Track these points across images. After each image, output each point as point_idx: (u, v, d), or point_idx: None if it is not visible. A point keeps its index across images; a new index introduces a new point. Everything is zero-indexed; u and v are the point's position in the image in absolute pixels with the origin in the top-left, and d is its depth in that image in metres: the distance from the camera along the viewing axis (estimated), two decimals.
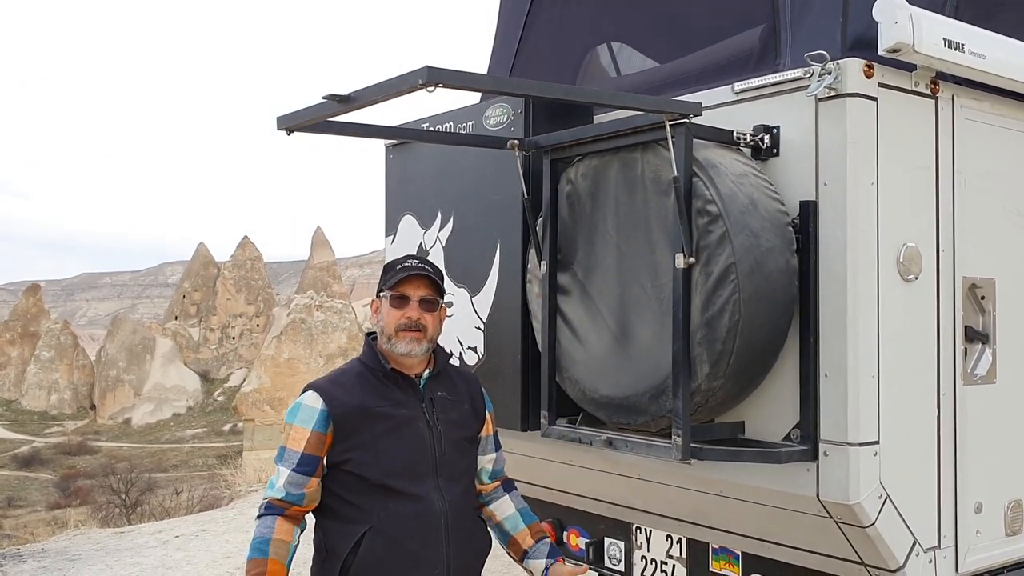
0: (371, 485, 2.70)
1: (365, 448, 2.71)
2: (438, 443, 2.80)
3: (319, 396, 2.74)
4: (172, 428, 73.01)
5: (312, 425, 2.71)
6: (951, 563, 2.99)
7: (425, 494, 2.74)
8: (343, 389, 2.76)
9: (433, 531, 2.74)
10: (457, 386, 2.94)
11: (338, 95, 2.45)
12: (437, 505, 2.75)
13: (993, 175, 3.16)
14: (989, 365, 3.12)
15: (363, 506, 2.70)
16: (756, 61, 3.16)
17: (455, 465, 2.85)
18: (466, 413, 2.93)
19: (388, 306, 2.82)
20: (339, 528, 2.73)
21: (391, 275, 2.84)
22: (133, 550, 8.35)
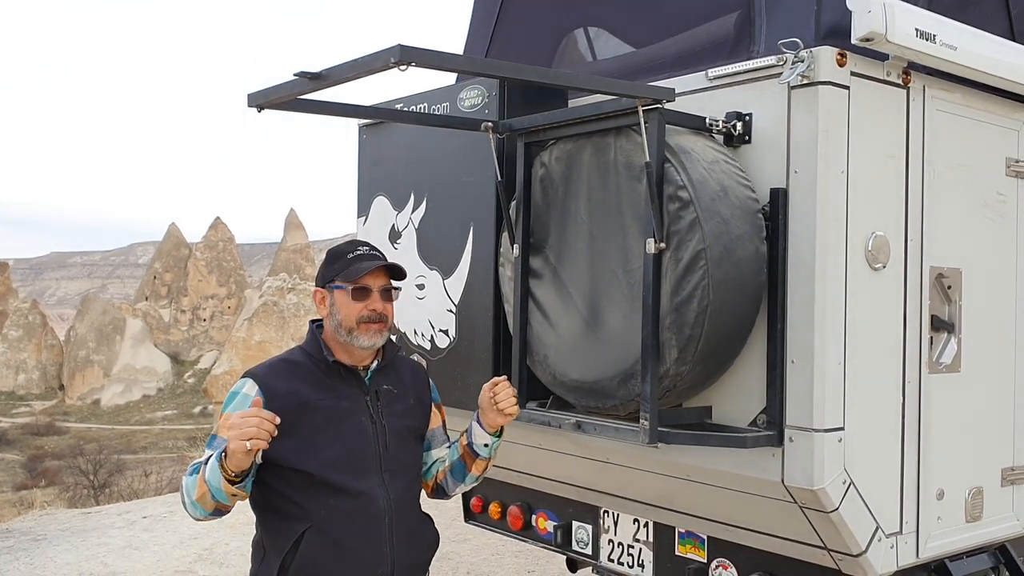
0: (310, 480, 2.57)
1: (303, 442, 2.57)
2: (382, 437, 2.68)
3: (255, 384, 2.61)
4: (142, 410, 72.45)
5: None
6: (912, 548, 3.03)
7: (368, 490, 2.62)
8: (281, 379, 2.63)
9: (376, 529, 2.63)
10: (403, 378, 2.82)
11: (310, 72, 2.43)
12: (381, 502, 2.64)
13: (962, 166, 3.19)
14: (954, 354, 3.16)
15: (302, 503, 2.57)
16: (731, 48, 3.17)
17: (399, 460, 2.73)
18: (411, 407, 2.81)
19: (348, 299, 2.66)
20: (277, 525, 2.61)
21: (345, 265, 2.68)
22: (100, 531, 8.29)
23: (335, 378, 2.68)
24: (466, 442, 2.82)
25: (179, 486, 2.75)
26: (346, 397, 2.67)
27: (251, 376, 2.65)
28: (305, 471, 2.57)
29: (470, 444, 2.81)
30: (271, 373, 2.65)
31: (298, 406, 2.58)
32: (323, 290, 2.72)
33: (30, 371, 77.42)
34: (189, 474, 2.54)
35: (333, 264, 2.71)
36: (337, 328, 2.67)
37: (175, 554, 7.46)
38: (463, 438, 2.84)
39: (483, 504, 4.30)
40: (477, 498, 4.33)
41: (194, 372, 76.41)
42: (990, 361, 3.32)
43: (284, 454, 2.55)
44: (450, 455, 2.88)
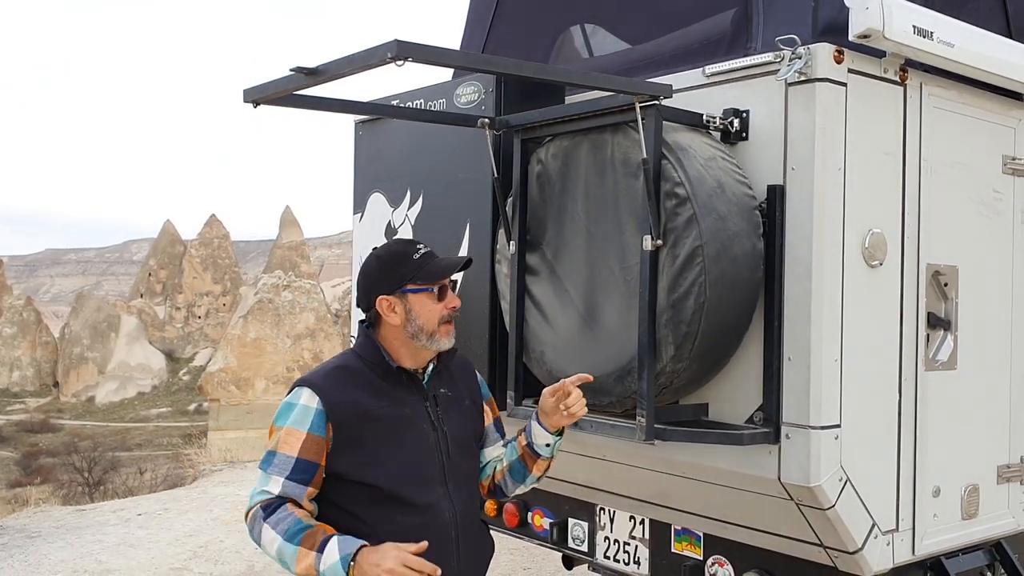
0: (376, 496, 2.43)
1: (368, 455, 2.44)
2: (444, 446, 2.55)
3: (315, 395, 2.44)
4: (136, 407, 72.35)
5: (307, 427, 2.42)
6: (908, 546, 3.03)
7: (434, 503, 2.49)
8: (341, 388, 2.47)
9: (444, 543, 2.49)
10: (455, 378, 2.69)
11: (306, 68, 2.42)
12: (447, 515, 2.51)
13: (959, 164, 3.19)
14: (951, 351, 3.16)
15: (368, 519, 2.43)
16: (728, 45, 3.17)
17: (461, 469, 2.61)
18: (467, 409, 2.70)
19: (430, 300, 2.53)
20: None
21: (417, 265, 2.53)
22: (94, 528, 8.28)
23: (395, 384, 2.54)
24: (525, 443, 2.71)
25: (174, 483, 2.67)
26: (407, 404, 2.53)
27: (308, 385, 2.48)
28: (372, 485, 2.44)
29: (530, 445, 2.70)
30: (330, 382, 2.49)
31: (361, 417, 2.45)
32: (391, 297, 2.53)
33: (24, 368, 77.26)
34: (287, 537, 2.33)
35: (399, 267, 2.54)
36: (417, 333, 2.52)
37: (170, 551, 7.45)
38: (521, 439, 2.72)
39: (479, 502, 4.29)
40: None
41: (189, 369, 76.30)
42: (987, 358, 3.32)
43: (348, 468, 2.43)
44: (507, 455, 2.77)
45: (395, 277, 2.54)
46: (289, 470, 2.40)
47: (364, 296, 2.60)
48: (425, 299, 2.53)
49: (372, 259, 2.62)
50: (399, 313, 2.53)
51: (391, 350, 2.55)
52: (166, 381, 77.01)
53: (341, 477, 2.44)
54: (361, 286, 2.62)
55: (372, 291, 2.57)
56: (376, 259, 2.61)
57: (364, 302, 2.59)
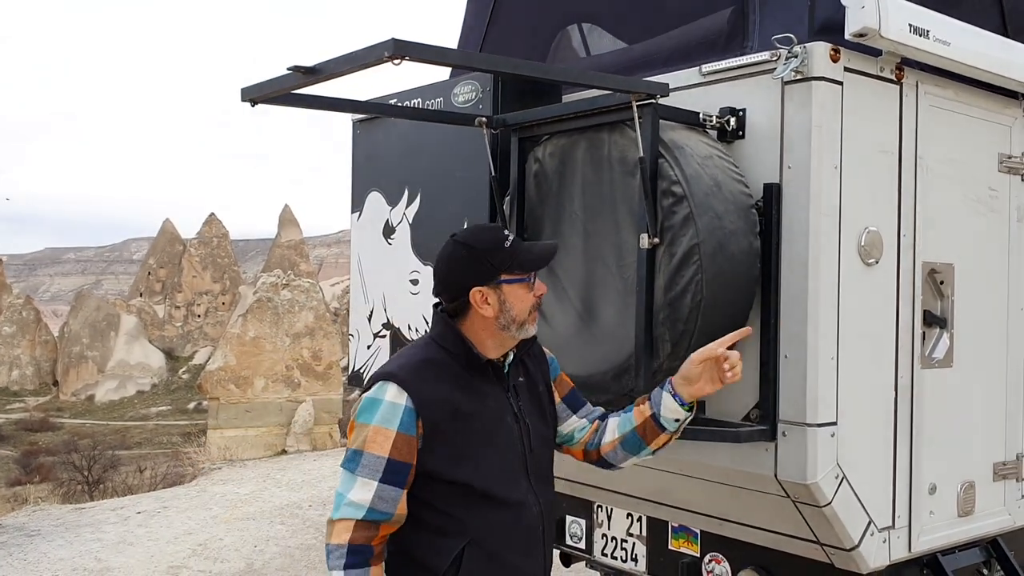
0: (469, 493, 2.33)
1: (459, 452, 2.33)
2: (526, 439, 2.45)
3: (402, 390, 2.30)
4: (136, 405, 72.30)
5: (397, 425, 2.28)
6: (904, 543, 3.04)
7: (522, 498, 2.41)
8: (429, 382, 2.34)
9: (533, 541, 2.43)
10: (528, 364, 2.56)
11: (303, 66, 2.43)
12: (534, 509, 2.43)
13: (954, 162, 3.20)
14: (947, 349, 3.17)
15: (459, 516, 2.33)
16: (724, 43, 3.17)
17: (542, 462, 2.52)
18: (543, 396, 2.58)
19: (524, 290, 2.41)
20: (431, 542, 2.35)
21: (511, 254, 2.40)
22: (93, 526, 8.29)
23: (479, 377, 2.41)
24: (650, 413, 2.56)
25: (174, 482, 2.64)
26: (492, 397, 2.42)
27: (393, 380, 2.33)
28: (464, 483, 2.33)
29: (656, 416, 2.55)
30: (417, 376, 2.34)
31: (451, 413, 2.33)
32: (485, 288, 2.38)
33: (24, 367, 77.21)
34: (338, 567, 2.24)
35: (492, 257, 2.39)
36: (509, 324, 2.40)
37: (169, 549, 7.46)
38: (644, 408, 2.58)
39: None
40: None
41: (188, 368, 76.27)
42: (983, 356, 3.33)
43: (440, 467, 2.31)
44: (621, 426, 2.62)
45: (489, 267, 2.39)
46: (381, 472, 2.26)
47: (452, 287, 2.43)
48: (519, 289, 2.41)
49: (458, 248, 2.43)
50: (492, 305, 2.39)
51: (476, 341, 2.42)
52: (165, 380, 76.98)
53: (431, 475, 2.32)
54: (446, 276, 2.44)
55: (463, 282, 2.40)
56: (464, 247, 2.42)
57: (451, 293, 2.43)
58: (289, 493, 9.73)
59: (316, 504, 9.08)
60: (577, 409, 2.71)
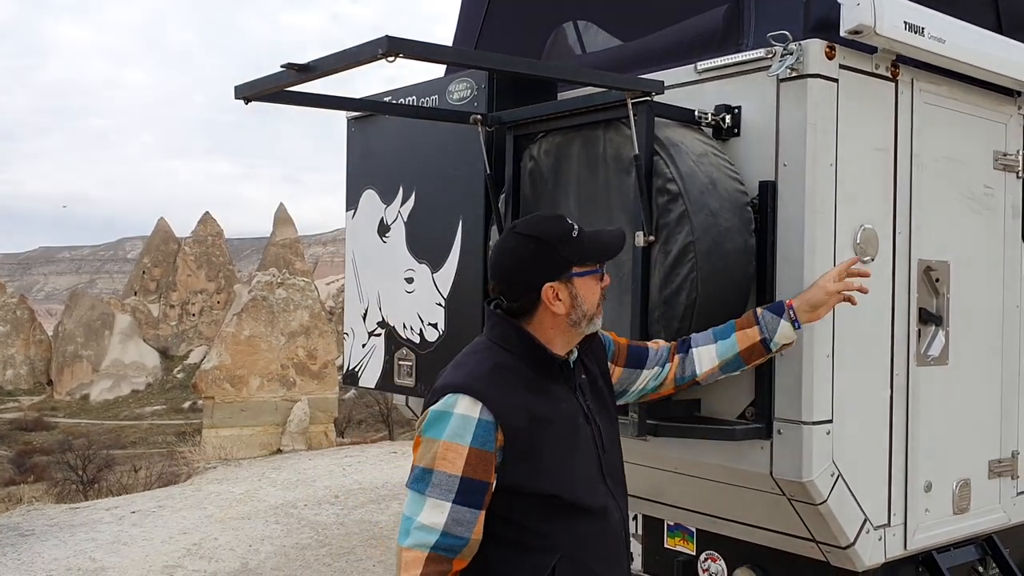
0: (555, 504, 2.14)
1: (543, 463, 2.13)
2: (598, 440, 2.27)
3: (476, 401, 2.08)
4: (131, 405, 72.16)
5: (470, 441, 2.05)
6: (900, 540, 3.04)
7: (604, 504, 2.24)
8: (504, 391, 2.12)
9: (617, 547, 2.28)
10: (585, 360, 2.37)
11: (297, 64, 2.42)
12: (617, 514, 2.28)
13: (949, 159, 3.20)
14: (942, 347, 3.17)
15: (544, 530, 2.14)
16: (720, 41, 3.17)
17: (615, 462, 2.35)
18: (604, 389, 2.39)
19: (594, 282, 2.26)
20: (517, 560, 2.14)
21: (582, 245, 2.23)
22: (88, 526, 8.27)
23: (548, 378, 2.22)
24: (759, 338, 2.58)
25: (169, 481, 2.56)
26: (563, 399, 2.23)
27: (466, 391, 2.10)
28: (550, 494, 2.14)
29: (766, 341, 2.58)
30: (491, 385, 2.12)
31: (529, 421, 2.12)
32: (558, 283, 2.20)
33: (18, 366, 77.02)
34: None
35: (562, 248, 2.20)
36: (580, 320, 2.23)
37: (164, 549, 7.44)
38: (751, 332, 2.58)
39: None
40: None
41: (183, 367, 76.12)
42: (978, 354, 3.33)
43: (523, 480, 2.12)
44: (721, 353, 2.59)
45: (560, 260, 2.20)
46: (455, 492, 2.04)
47: (520, 284, 2.21)
48: (590, 282, 2.24)
49: (525, 241, 2.21)
50: (564, 300, 2.20)
51: (544, 340, 2.22)
52: (160, 379, 76.85)
53: (513, 490, 2.11)
54: (513, 273, 2.22)
55: (534, 278, 2.20)
56: (532, 240, 2.21)
57: (517, 291, 2.22)
58: (284, 492, 9.71)
59: (311, 504, 9.07)
60: (643, 362, 2.59)
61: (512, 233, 2.26)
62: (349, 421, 38.04)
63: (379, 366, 3.92)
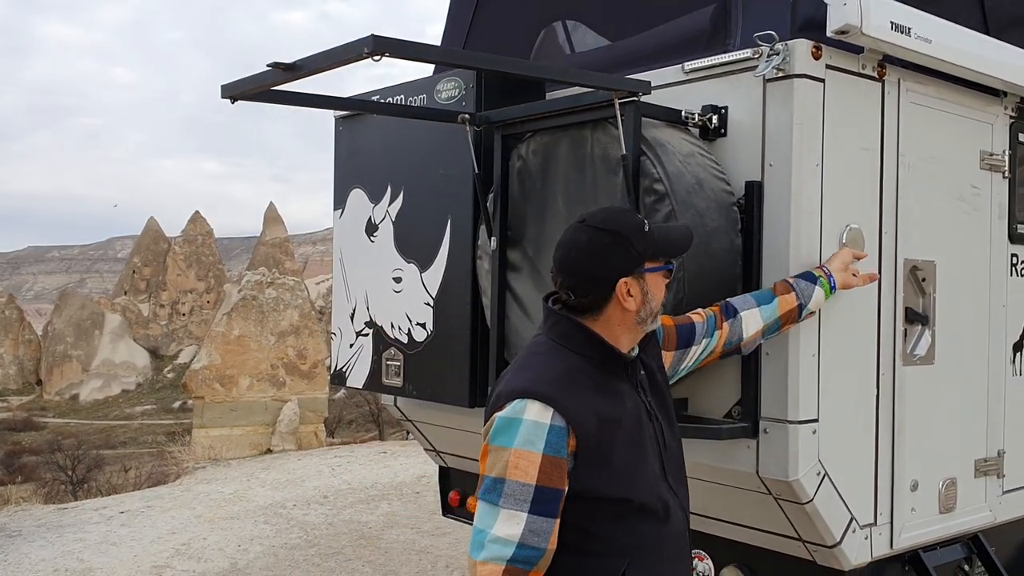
0: (624, 509, 2.08)
1: (615, 466, 2.07)
2: (661, 437, 2.21)
3: (547, 407, 2.00)
4: (121, 405, 71.91)
5: (543, 447, 1.98)
6: (886, 539, 3.05)
7: (669, 504, 2.18)
8: (574, 394, 2.05)
9: (682, 545, 2.24)
10: (643, 356, 2.29)
11: (283, 63, 2.42)
12: (680, 513, 2.22)
13: (936, 159, 3.21)
14: (928, 346, 3.18)
15: (614, 536, 2.08)
16: (707, 41, 3.17)
17: (677, 459, 2.29)
18: (663, 385, 2.33)
19: (662, 279, 2.20)
20: (586, 567, 2.07)
21: (653, 240, 2.16)
22: (76, 526, 8.24)
23: (613, 377, 2.15)
24: (797, 304, 2.65)
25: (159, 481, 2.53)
26: (627, 398, 2.16)
27: (535, 396, 2.02)
28: (621, 498, 2.08)
29: (802, 306, 2.66)
30: (561, 389, 2.05)
31: (600, 424, 2.05)
32: (632, 279, 2.12)
33: (7, 366, 76.69)
34: None
35: (636, 243, 2.12)
36: (648, 317, 2.17)
37: (152, 549, 7.42)
38: (789, 298, 2.64)
39: (461, 498, 4.29)
40: (455, 492, 4.32)
41: (173, 367, 75.92)
42: (964, 353, 3.34)
43: (595, 484, 2.05)
44: (765, 316, 2.63)
45: (634, 255, 2.12)
46: (529, 501, 1.96)
47: (594, 279, 2.13)
48: (660, 278, 2.19)
49: (599, 234, 2.13)
50: (636, 296, 2.13)
51: (611, 338, 2.14)
52: (150, 379, 76.62)
53: (583, 495, 2.04)
54: (587, 268, 2.13)
55: (609, 273, 2.12)
56: (607, 234, 2.12)
57: (591, 286, 2.13)
58: (273, 492, 9.69)
59: (300, 504, 9.05)
60: (693, 338, 2.57)
61: (584, 226, 2.16)
62: (339, 421, 37.98)
63: (367, 366, 3.91)
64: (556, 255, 2.18)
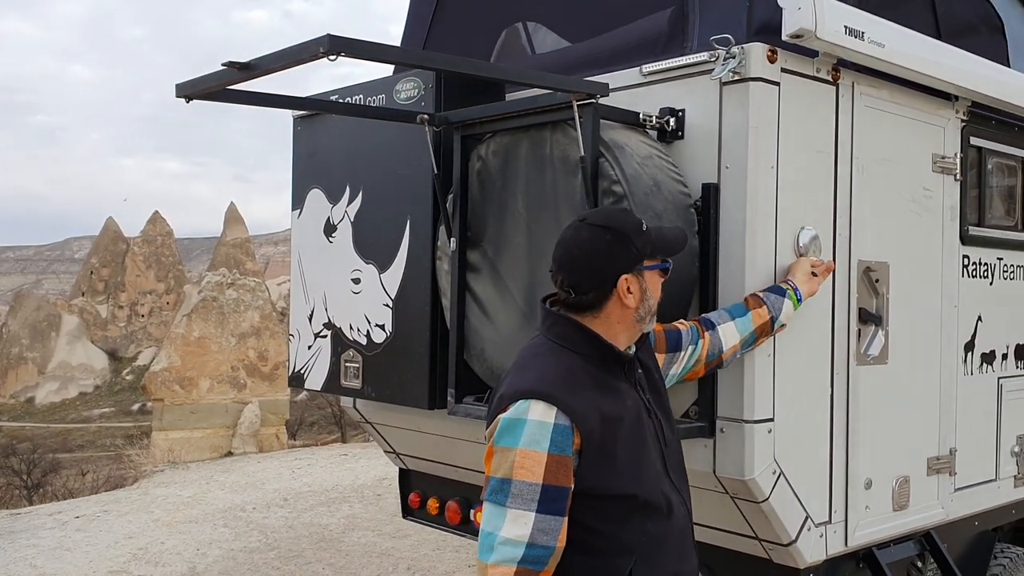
0: (628, 506, 2.10)
1: (618, 463, 2.09)
2: (661, 434, 2.24)
3: (551, 406, 2.02)
4: (78, 407, 70.81)
5: (547, 447, 2.00)
6: (841, 537, 3.09)
7: (672, 500, 2.21)
8: (577, 393, 2.07)
9: (685, 541, 2.26)
10: (640, 355, 2.32)
11: (238, 62, 2.39)
12: (683, 508, 2.25)
13: (889, 162, 3.26)
14: (882, 346, 3.23)
15: (619, 533, 2.10)
16: (665, 44, 3.19)
17: (678, 455, 2.32)
18: (659, 383, 2.36)
19: (658, 277, 2.24)
20: (590, 565, 2.08)
21: (652, 238, 2.20)
22: (29, 532, 8.10)
23: (612, 375, 2.18)
24: (769, 317, 2.71)
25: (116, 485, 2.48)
26: (627, 395, 2.18)
27: (538, 396, 2.04)
28: (625, 495, 2.10)
29: (774, 319, 2.72)
30: (564, 388, 2.07)
31: (603, 422, 2.08)
32: (632, 275, 2.16)
33: None
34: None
35: (636, 240, 2.17)
36: (646, 315, 2.21)
37: (108, 554, 7.31)
38: (762, 312, 2.70)
39: (421, 500, 4.28)
40: (415, 494, 4.31)
41: (132, 369, 74.90)
42: (916, 353, 3.40)
43: (600, 481, 2.07)
44: (741, 330, 2.68)
45: (634, 252, 2.16)
46: (537, 501, 1.98)
47: (596, 276, 2.16)
48: (657, 276, 2.23)
49: (601, 232, 2.17)
50: (635, 294, 2.16)
51: (609, 336, 2.18)
52: (109, 381, 75.54)
53: (588, 493, 2.06)
54: (590, 264, 2.16)
55: (611, 270, 2.15)
56: (609, 231, 2.16)
57: (593, 283, 2.16)
58: (233, 495, 9.59)
59: (260, 506, 8.97)
60: (680, 344, 2.62)
61: (586, 224, 2.20)
62: (301, 423, 37.71)
63: (325, 368, 3.88)
64: (556, 254, 2.21)
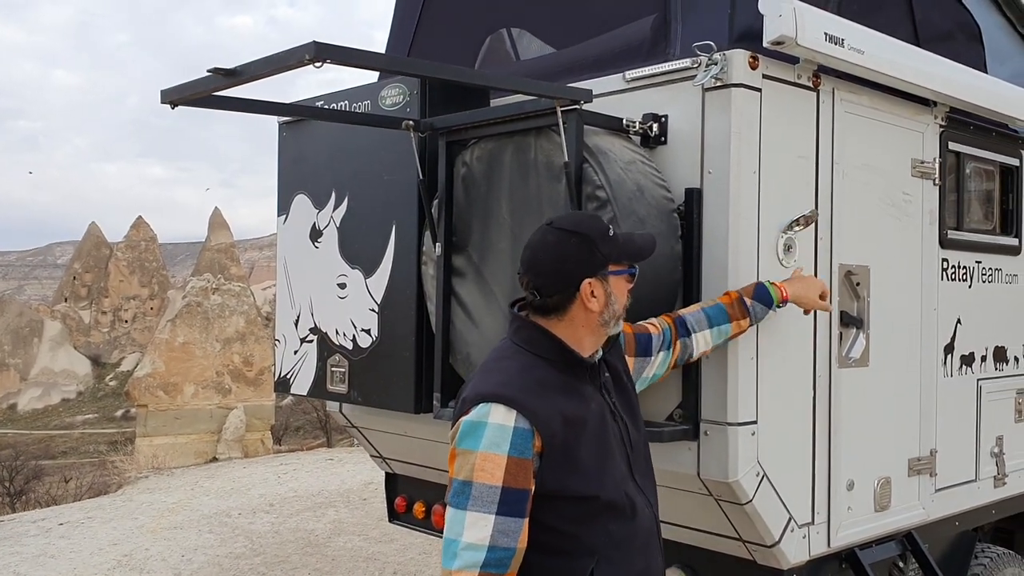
0: (591, 508, 2.13)
1: (582, 465, 2.12)
2: (626, 436, 2.27)
3: (511, 410, 2.05)
4: (61, 414, 70.33)
5: (507, 449, 2.03)
6: (824, 538, 3.12)
7: (636, 502, 2.23)
8: (539, 397, 2.10)
9: (651, 542, 2.28)
10: (608, 358, 2.35)
11: (223, 68, 2.40)
12: (648, 511, 2.28)
13: (869, 166, 3.29)
14: (863, 349, 3.26)
15: (582, 534, 2.12)
16: (648, 50, 3.23)
17: (644, 458, 2.35)
18: (628, 386, 2.39)
19: (624, 282, 2.27)
20: (555, 566, 2.11)
21: (619, 244, 2.24)
22: (13, 539, 8.05)
23: (576, 379, 2.20)
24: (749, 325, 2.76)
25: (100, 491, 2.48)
26: (592, 399, 2.21)
27: (500, 399, 2.07)
28: (588, 496, 2.13)
29: (755, 317, 2.76)
30: (525, 391, 2.10)
31: (565, 425, 2.10)
32: (596, 280, 2.19)
33: None
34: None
35: (602, 245, 2.20)
36: (611, 319, 2.23)
37: (93, 561, 7.28)
38: (743, 323, 2.74)
39: (407, 504, 4.29)
40: (401, 498, 4.32)
41: (116, 375, 74.49)
42: (897, 355, 3.43)
43: (563, 483, 2.09)
44: (716, 337, 2.71)
45: (599, 256, 2.19)
46: (496, 502, 2.01)
47: (562, 278, 2.18)
48: (623, 281, 2.26)
49: (567, 236, 2.20)
50: (599, 298, 2.19)
51: (573, 340, 2.20)
52: (92, 387, 75.03)
53: (551, 495, 2.09)
54: (555, 267, 2.19)
55: (575, 273, 2.18)
56: (575, 235, 2.20)
57: (558, 285, 2.18)
58: (218, 501, 9.56)
59: (246, 512, 8.94)
60: (650, 348, 2.64)
61: (553, 228, 2.23)
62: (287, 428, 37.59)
63: (311, 373, 3.89)
64: (524, 256, 2.24)
